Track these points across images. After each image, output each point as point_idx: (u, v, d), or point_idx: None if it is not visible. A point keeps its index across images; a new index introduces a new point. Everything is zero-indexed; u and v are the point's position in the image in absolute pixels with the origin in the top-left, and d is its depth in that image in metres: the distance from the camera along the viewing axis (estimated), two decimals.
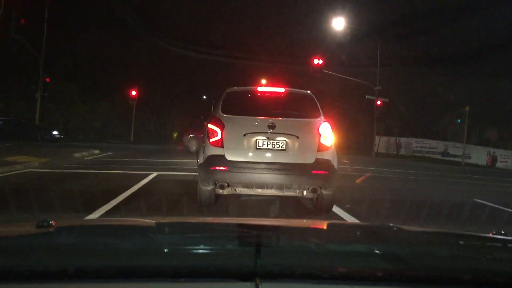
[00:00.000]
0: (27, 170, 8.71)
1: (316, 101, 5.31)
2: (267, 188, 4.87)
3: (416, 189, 9.22)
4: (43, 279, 0.96)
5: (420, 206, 5.93)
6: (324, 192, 4.92)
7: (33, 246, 1.07)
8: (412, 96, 32.30)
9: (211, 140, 4.88)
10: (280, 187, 4.86)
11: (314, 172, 4.80)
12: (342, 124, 26.76)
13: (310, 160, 4.85)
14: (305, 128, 5.02)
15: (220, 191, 4.98)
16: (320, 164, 4.84)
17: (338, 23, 24.77)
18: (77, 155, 12.53)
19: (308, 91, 5.56)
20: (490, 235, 1.38)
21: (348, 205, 5.63)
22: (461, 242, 1.37)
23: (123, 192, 6.04)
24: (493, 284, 1.04)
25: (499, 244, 1.33)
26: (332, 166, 4.93)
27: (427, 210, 5.66)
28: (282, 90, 5.40)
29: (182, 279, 0.98)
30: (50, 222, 1.20)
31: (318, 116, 5.15)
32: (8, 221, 3.93)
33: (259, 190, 4.93)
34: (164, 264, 1.00)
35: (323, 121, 5.05)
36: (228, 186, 4.88)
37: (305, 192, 4.99)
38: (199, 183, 5.03)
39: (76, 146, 16.52)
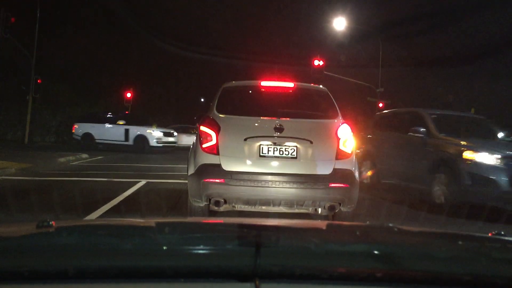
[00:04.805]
0: (0, 178, 7.76)
1: (333, 99, 4.40)
2: (273, 205, 3.95)
3: None
4: (43, 279, 0.91)
5: None
6: (343, 209, 4.01)
7: (33, 246, 1.03)
8: (414, 97, 31.70)
9: (204, 145, 3.97)
10: (289, 204, 3.94)
11: (332, 185, 3.89)
12: None
13: (326, 170, 3.93)
14: (320, 131, 4.13)
15: (215, 208, 4.06)
16: (340, 175, 3.93)
17: (339, 23, 23.98)
18: (62, 160, 11.52)
19: (322, 86, 4.65)
20: (490, 235, 1.32)
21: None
22: (460, 243, 1.32)
23: (101, 206, 5.10)
24: (493, 285, 0.99)
25: (499, 245, 1.28)
26: (354, 177, 4.02)
27: None
28: (291, 85, 4.48)
29: (182, 279, 0.93)
30: (50, 223, 1.14)
31: (335, 116, 4.26)
32: None
33: (264, 208, 4.02)
34: (164, 264, 0.96)
35: (342, 123, 4.15)
36: (225, 202, 3.96)
37: (320, 210, 4.06)
38: (189, 198, 4.11)
39: (65, 150, 15.57)
